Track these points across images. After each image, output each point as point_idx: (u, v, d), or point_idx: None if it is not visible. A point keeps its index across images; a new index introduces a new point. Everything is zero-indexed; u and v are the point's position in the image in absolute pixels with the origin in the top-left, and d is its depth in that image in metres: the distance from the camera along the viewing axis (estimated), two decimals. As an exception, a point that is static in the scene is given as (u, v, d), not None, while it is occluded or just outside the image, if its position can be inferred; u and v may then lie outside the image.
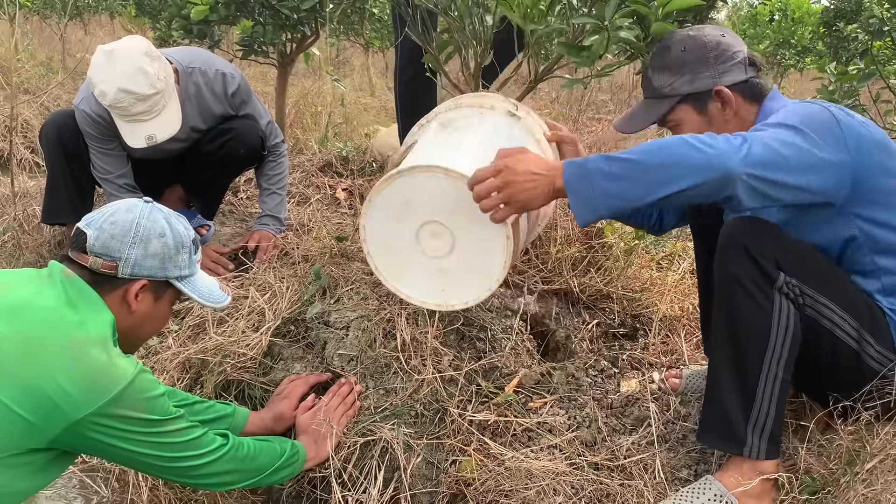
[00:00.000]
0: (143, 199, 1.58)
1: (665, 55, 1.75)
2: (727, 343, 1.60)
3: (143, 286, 1.53)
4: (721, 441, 1.64)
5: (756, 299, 1.54)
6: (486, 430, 1.95)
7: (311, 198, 3.49)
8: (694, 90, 1.71)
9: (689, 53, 1.71)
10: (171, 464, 1.49)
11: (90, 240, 1.48)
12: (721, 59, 1.70)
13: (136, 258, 1.50)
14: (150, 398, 1.43)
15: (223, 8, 3.30)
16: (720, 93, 1.70)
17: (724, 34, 1.73)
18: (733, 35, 1.76)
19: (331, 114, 4.71)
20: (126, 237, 1.49)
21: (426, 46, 2.08)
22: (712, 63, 1.70)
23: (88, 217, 1.53)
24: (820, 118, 1.53)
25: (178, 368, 2.13)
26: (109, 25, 12.00)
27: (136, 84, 2.33)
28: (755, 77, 1.73)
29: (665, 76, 1.74)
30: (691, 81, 1.71)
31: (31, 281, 1.45)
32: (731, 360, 1.60)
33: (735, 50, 1.71)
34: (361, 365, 2.12)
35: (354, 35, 8.32)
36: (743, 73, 1.71)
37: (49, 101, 5.48)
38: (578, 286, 2.49)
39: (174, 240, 1.55)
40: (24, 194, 3.48)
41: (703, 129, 1.69)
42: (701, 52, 1.70)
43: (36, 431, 1.31)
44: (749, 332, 1.56)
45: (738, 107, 1.71)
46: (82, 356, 1.35)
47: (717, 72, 1.70)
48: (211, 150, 2.81)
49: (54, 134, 2.73)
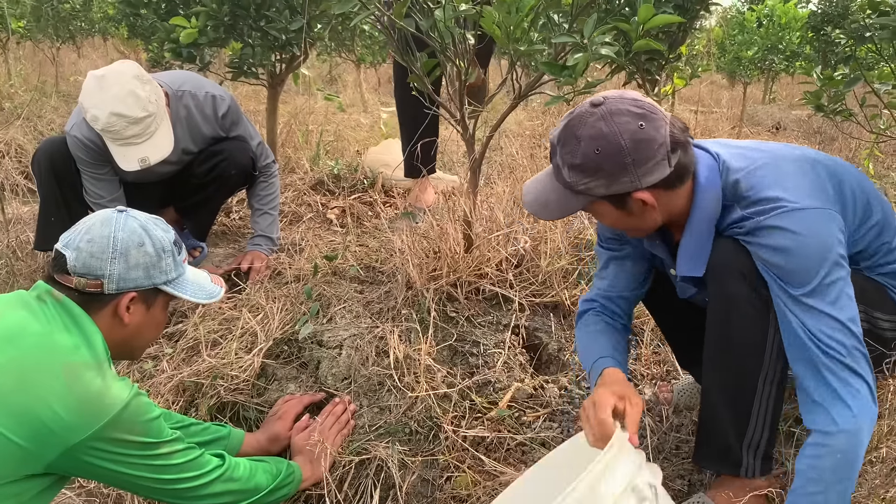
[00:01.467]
0: (117, 208, 1.56)
1: (575, 151, 1.46)
2: (720, 368, 1.59)
3: (132, 298, 1.52)
4: (717, 463, 1.64)
5: (751, 319, 1.53)
6: (480, 445, 1.96)
7: (303, 216, 3.51)
8: (611, 193, 1.48)
9: (603, 158, 1.44)
10: (168, 486, 1.50)
11: (70, 261, 1.47)
12: (640, 163, 1.43)
13: (120, 273, 1.49)
14: (145, 421, 1.44)
15: (212, 31, 3.32)
16: (640, 198, 1.48)
17: (641, 123, 1.42)
18: (651, 115, 1.44)
19: (322, 132, 4.73)
20: (105, 254, 1.48)
21: (411, 67, 2.10)
22: (630, 168, 1.43)
23: (65, 236, 1.51)
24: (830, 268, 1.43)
25: (172, 391, 2.13)
26: (103, 47, 12.03)
27: (128, 107, 2.35)
28: (682, 163, 1.48)
29: (578, 175, 1.48)
30: (608, 186, 1.47)
31: (20, 305, 1.44)
32: (724, 384, 1.59)
33: (657, 144, 1.43)
34: (355, 384, 2.13)
35: (346, 51, 8.35)
36: (666, 167, 1.45)
37: (42, 125, 5.49)
38: (569, 298, 2.50)
39: (154, 247, 1.53)
40: (17, 220, 3.49)
41: (622, 220, 1.56)
42: (617, 158, 1.43)
43: (32, 457, 1.31)
44: (743, 355, 1.55)
45: (662, 199, 1.51)
46: (77, 381, 1.35)
47: (637, 175, 1.44)
48: (202, 171, 2.83)
49: (46, 160, 2.75)
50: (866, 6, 3.01)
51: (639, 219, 1.54)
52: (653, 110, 1.45)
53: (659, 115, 1.45)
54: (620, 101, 1.45)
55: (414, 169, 3.28)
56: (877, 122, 3.38)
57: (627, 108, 1.44)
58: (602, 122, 1.44)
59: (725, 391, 1.59)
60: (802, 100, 3.18)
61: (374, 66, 9.72)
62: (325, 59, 9.53)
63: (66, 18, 8.10)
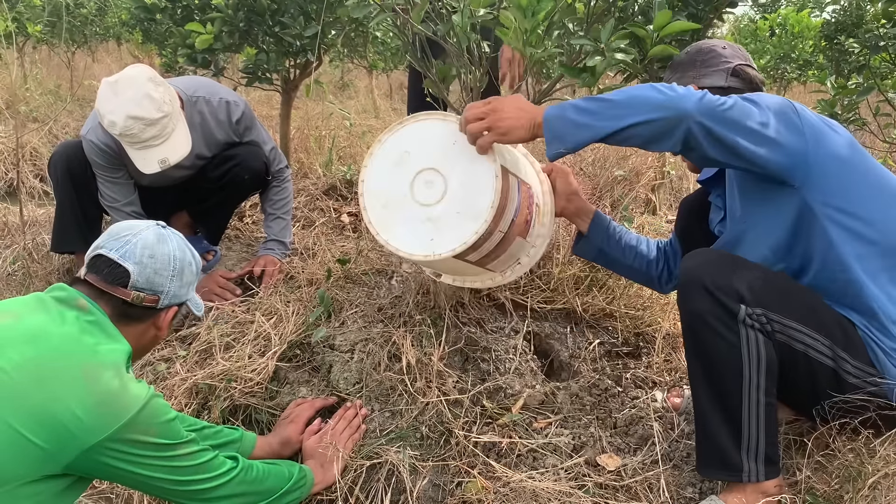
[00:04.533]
0: (158, 223, 1.63)
1: (679, 57, 1.95)
2: (703, 380, 1.62)
3: (174, 312, 1.63)
4: (720, 471, 1.65)
5: (722, 335, 1.56)
6: (490, 451, 1.96)
7: (315, 221, 3.53)
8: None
9: (687, 56, 1.93)
10: (183, 487, 1.51)
11: (134, 275, 1.53)
12: (706, 64, 1.88)
13: (175, 290, 1.60)
14: (162, 423, 1.46)
15: (227, 36, 3.34)
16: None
17: (725, 46, 1.89)
18: (736, 49, 1.91)
19: (334, 137, 4.75)
20: (166, 271, 1.57)
21: (426, 72, 2.11)
22: (698, 66, 1.89)
23: (114, 246, 1.55)
24: (779, 103, 1.60)
25: (185, 394, 2.14)
26: (117, 52, 12.12)
27: (144, 110, 2.37)
28: (737, 87, 1.85)
29: (668, 73, 1.98)
30: (680, 79, 1.91)
31: (38, 307, 1.46)
32: (711, 396, 1.62)
33: (724, 60, 1.87)
34: (367, 388, 2.14)
35: (358, 58, 8.38)
36: (723, 79, 1.86)
37: (57, 129, 5.54)
38: (581, 305, 2.50)
39: (196, 265, 1.66)
40: (33, 223, 3.53)
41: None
42: (694, 56, 1.91)
43: (50, 458, 1.33)
44: (722, 368, 1.58)
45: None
46: (95, 382, 1.37)
47: (699, 73, 1.88)
48: (216, 176, 2.85)
49: (62, 164, 2.78)
50: (880, 15, 3.01)
51: None
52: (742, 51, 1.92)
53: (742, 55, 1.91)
54: (726, 41, 1.93)
55: None
56: (890, 132, 3.38)
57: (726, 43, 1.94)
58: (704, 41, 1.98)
59: (713, 401, 1.61)
60: (816, 108, 3.18)
61: (385, 73, 9.75)
62: (337, 64, 9.57)
63: (82, 23, 8.16)
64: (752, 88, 1.84)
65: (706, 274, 1.57)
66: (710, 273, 1.57)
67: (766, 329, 1.57)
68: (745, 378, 1.56)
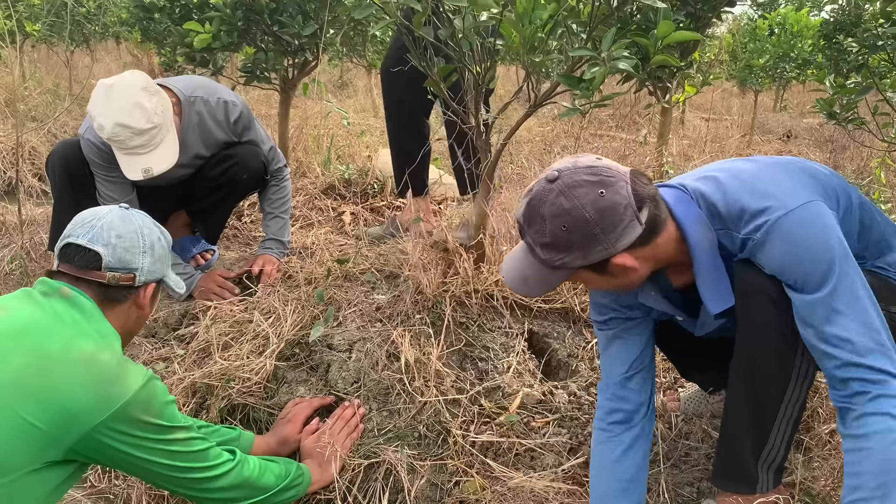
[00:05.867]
0: (120, 205, 1.65)
1: (543, 230, 1.44)
2: (744, 389, 1.57)
3: (153, 288, 1.64)
4: (736, 485, 1.62)
5: (780, 350, 1.50)
6: (488, 450, 1.96)
7: (314, 221, 3.52)
8: (589, 263, 1.46)
9: (572, 233, 1.42)
10: (180, 474, 1.52)
11: (105, 257, 1.54)
12: (610, 230, 1.41)
13: (148, 265, 1.61)
14: (162, 403, 1.47)
15: (225, 35, 3.34)
16: (619, 263, 1.45)
17: (602, 191, 1.40)
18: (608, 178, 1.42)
19: (333, 136, 4.75)
20: (136, 248, 1.58)
21: (428, 72, 2.11)
22: (601, 237, 1.41)
23: (80, 233, 1.56)
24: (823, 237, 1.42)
25: (183, 393, 2.15)
26: (116, 51, 12.13)
27: (133, 119, 2.37)
28: (650, 214, 1.44)
29: (551, 252, 1.46)
30: (584, 257, 1.45)
31: (28, 301, 1.48)
32: (746, 405, 1.57)
33: (622, 207, 1.40)
34: (365, 387, 2.14)
35: (357, 57, 8.39)
36: (637, 226, 1.42)
37: (56, 128, 5.54)
38: (579, 304, 2.50)
39: (166, 240, 1.70)
40: (31, 222, 3.52)
41: (609, 284, 1.54)
42: (586, 230, 1.41)
43: (53, 442, 1.35)
44: (769, 382, 1.53)
45: (642, 255, 1.48)
46: (94, 365, 1.40)
47: (610, 242, 1.42)
48: (214, 176, 2.85)
49: (61, 163, 2.77)
50: (879, 15, 3.01)
51: (623, 279, 1.51)
52: (610, 174, 1.42)
53: (617, 177, 1.42)
54: (575, 173, 1.42)
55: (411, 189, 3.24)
56: (889, 131, 3.38)
57: (583, 179, 1.41)
58: (562, 198, 1.41)
59: (748, 410, 1.57)
60: (814, 108, 3.18)
61: (385, 72, 9.73)
62: (336, 63, 9.57)
63: (81, 22, 8.16)
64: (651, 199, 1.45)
65: (773, 286, 1.48)
66: (777, 286, 1.48)
67: None
68: (788, 393, 1.52)
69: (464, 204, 3.29)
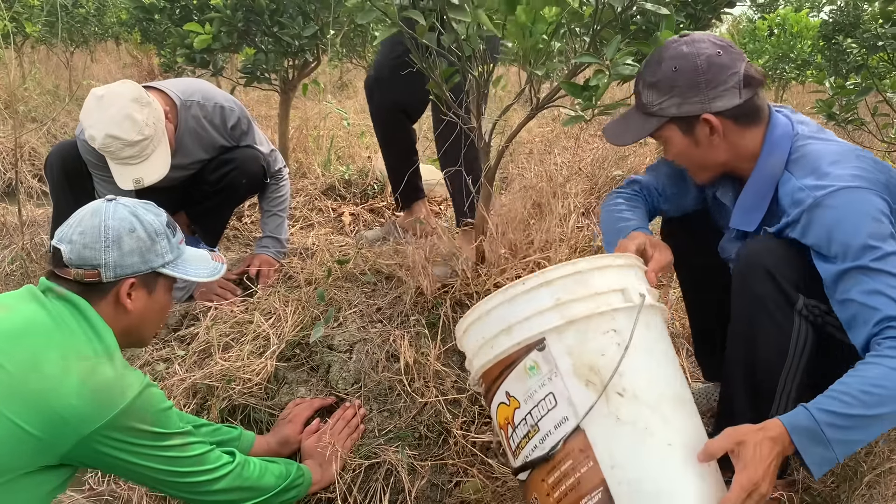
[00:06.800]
0: (106, 198, 1.58)
1: (656, 71, 1.61)
2: (743, 363, 1.59)
3: (131, 284, 1.54)
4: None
5: (777, 321, 1.53)
6: (489, 451, 1.97)
7: (314, 221, 3.53)
8: (681, 114, 1.59)
9: (679, 75, 1.56)
10: (179, 479, 1.51)
11: (65, 254, 1.50)
12: (712, 84, 1.55)
13: (115, 260, 1.51)
14: (157, 411, 1.46)
15: (225, 36, 3.34)
16: (708, 121, 1.58)
17: (720, 51, 1.56)
18: (731, 49, 1.59)
19: (333, 137, 4.75)
20: (97, 243, 1.50)
21: (430, 74, 2.11)
22: (703, 88, 1.55)
23: (59, 232, 1.55)
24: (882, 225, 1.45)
25: (184, 394, 2.15)
26: (115, 52, 12.11)
27: (124, 131, 2.37)
28: (752, 98, 1.58)
29: (654, 94, 1.61)
30: (679, 105, 1.58)
31: (31, 300, 1.47)
32: (745, 378, 1.59)
33: (730, 71, 1.55)
34: (365, 388, 2.14)
35: (357, 57, 8.39)
36: (736, 96, 1.56)
37: (56, 129, 5.54)
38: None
39: (146, 231, 1.56)
40: (31, 223, 3.52)
41: (688, 150, 1.64)
42: (691, 76, 1.55)
43: (47, 448, 1.34)
44: (767, 353, 1.55)
45: (729, 132, 1.60)
46: (90, 372, 1.38)
47: (707, 97, 1.55)
48: (214, 179, 2.85)
49: (59, 164, 2.77)
50: (878, 16, 3.01)
51: (705, 150, 1.62)
52: (735, 49, 1.60)
53: (740, 54, 1.59)
54: (705, 35, 1.62)
55: (404, 199, 3.26)
56: (889, 132, 3.38)
57: (710, 39, 1.60)
58: (684, 46, 1.59)
59: (746, 383, 1.59)
60: (814, 108, 3.18)
61: (384, 72, 9.72)
62: (336, 64, 9.57)
63: (80, 23, 8.16)
64: (758, 87, 1.60)
65: (771, 261, 1.52)
66: (774, 260, 1.52)
67: (816, 322, 1.54)
68: (786, 367, 1.54)
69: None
